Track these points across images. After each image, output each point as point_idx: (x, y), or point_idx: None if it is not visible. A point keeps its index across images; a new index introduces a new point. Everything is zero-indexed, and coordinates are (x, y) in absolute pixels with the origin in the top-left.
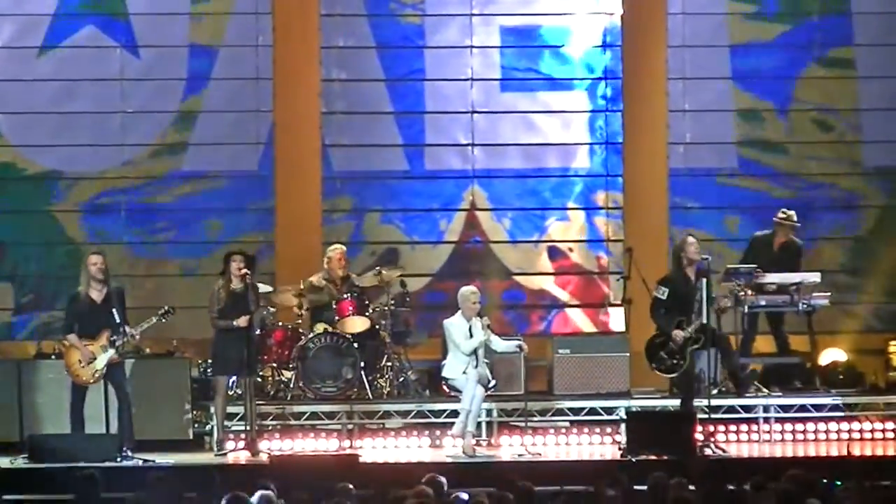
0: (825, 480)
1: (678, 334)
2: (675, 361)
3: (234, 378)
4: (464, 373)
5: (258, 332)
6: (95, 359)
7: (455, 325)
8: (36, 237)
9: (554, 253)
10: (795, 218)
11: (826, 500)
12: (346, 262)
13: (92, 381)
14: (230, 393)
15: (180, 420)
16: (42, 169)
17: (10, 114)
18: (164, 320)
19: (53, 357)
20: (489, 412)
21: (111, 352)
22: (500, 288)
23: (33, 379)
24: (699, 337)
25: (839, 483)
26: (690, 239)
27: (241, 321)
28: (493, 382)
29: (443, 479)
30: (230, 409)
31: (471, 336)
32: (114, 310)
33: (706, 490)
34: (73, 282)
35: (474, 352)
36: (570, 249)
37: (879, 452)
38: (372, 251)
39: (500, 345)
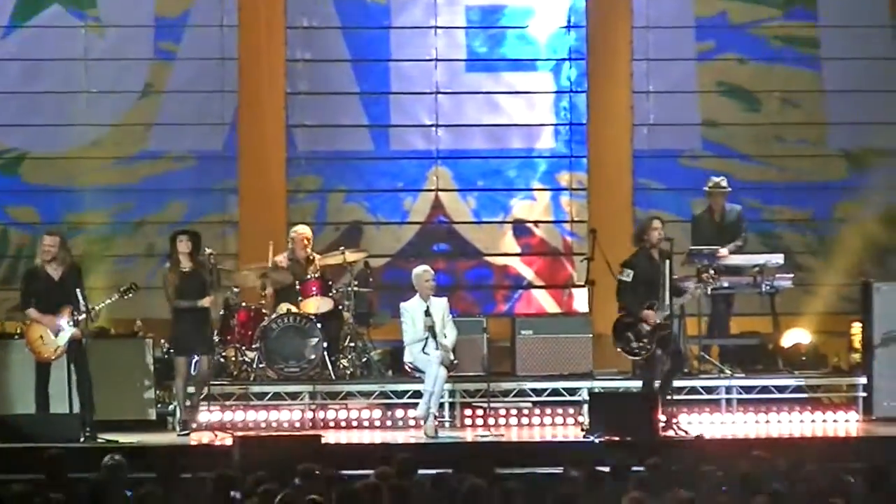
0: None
1: (650, 315)
2: (641, 344)
3: (195, 358)
4: (423, 351)
5: (221, 312)
6: (57, 334)
7: (407, 310)
8: None
9: (519, 231)
10: (725, 184)
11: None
12: (310, 243)
13: (53, 357)
14: (192, 374)
15: (143, 400)
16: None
17: None
18: (125, 297)
19: (17, 337)
20: (452, 393)
21: (72, 328)
22: (465, 267)
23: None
24: (667, 323)
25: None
26: (655, 223)
27: (205, 301)
28: (455, 362)
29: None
30: (191, 390)
31: (428, 315)
32: (77, 289)
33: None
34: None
35: (431, 331)
36: (536, 224)
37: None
38: (336, 230)
39: (448, 336)
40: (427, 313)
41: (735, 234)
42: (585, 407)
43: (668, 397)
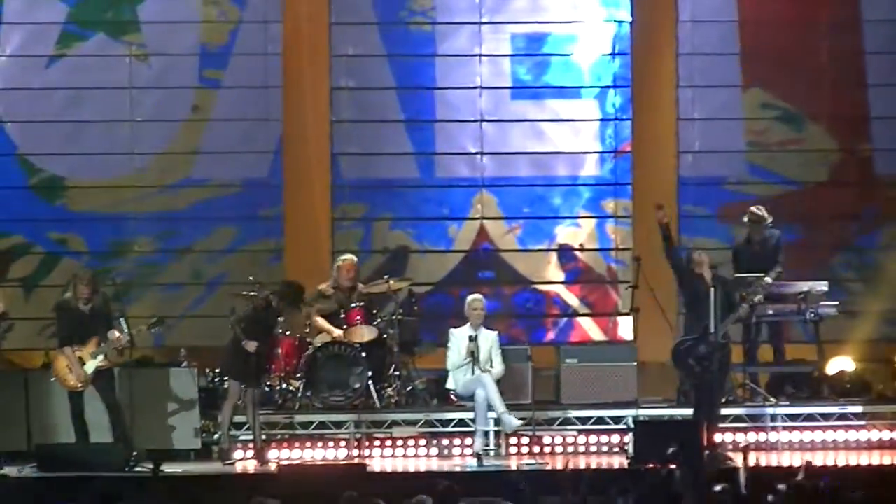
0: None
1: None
2: (704, 366)
3: (242, 386)
4: (465, 377)
5: None
6: (84, 363)
7: (454, 335)
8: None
9: (564, 258)
10: (762, 212)
11: None
12: (357, 272)
13: (80, 385)
14: (238, 402)
15: (188, 429)
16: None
17: (21, 122)
18: (152, 331)
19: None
20: (497, 421)
21: (100, 357)
22: (511, 293)
23: (40, 388)
24: (726, 345)
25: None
26: (696, 255)
27: (250, 346)
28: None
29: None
30: (237, 419)
31: (472, 341)
32: (120, 319)
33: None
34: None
35: (473, 356)
36: (582, 246)
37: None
38: (381, 257)
39: (494, 369)
40: (472, 339)
41: (772, 261)
42: (630, 435)
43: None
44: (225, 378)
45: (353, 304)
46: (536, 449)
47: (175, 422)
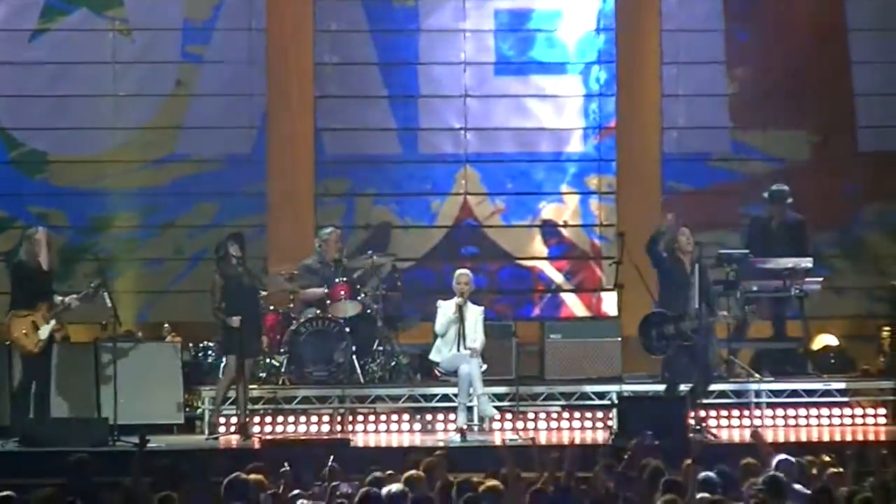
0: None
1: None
2: (662, 343)
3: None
4: (450, 352)
5: None
6: (38, 328)
7: (442, 306)
8: None
9: (548, 234)
10: (784, 192)
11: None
12: (342, 244)
13: (36, 350)
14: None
15: (172, 404)
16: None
17: (3, 97)
18: (95, 293)
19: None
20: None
21: (53, 322)
22: (496, 269)
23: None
24: (691, 335)
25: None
26: (683, 230)
27: (234, 322)
28: (484, 367)
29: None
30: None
31: (461, 319)
32: (104, 294)
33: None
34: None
35: (460, 336)
36: (565, 223)
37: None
38: (364, 233)
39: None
40: (456, 311)
41: (795, 244)
42: (614, 411)
43: (697, 405)
44: (211, 353)
45: (338, 279)
46: (520, 424)
47: (158, 396)
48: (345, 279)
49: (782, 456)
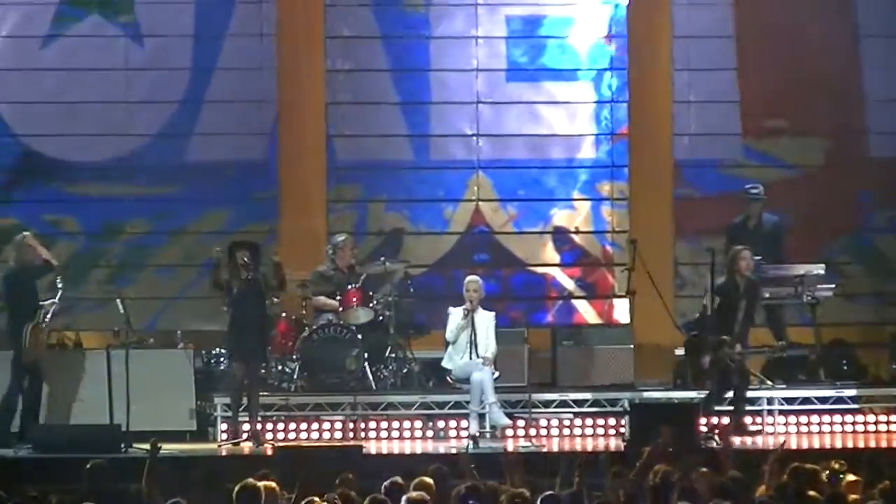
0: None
1: (705, 362)
2: (704, 371)
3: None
4: (462, 359)
5: None
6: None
7: (453, 312)
8: None
9: (559, 241)
10: (757, 191)
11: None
12: (355, 251)
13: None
14: (245, 382)
15: (184, 410)
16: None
17: (15, 103)
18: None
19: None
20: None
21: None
22: (507, 275)
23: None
24: (728, 365)
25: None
26: (744, 253)
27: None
28: (496, 374)
29: (445, 470)
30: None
31: (472, 326)
32: (117, 301)
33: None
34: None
35: (472, 343)
36: (577, 230)
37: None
38: (376, 239)
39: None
40: (465, 316)
41: (770, 246)
42: (627, 418)
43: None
44: (223, 360)
45: (350, 286)
46: (532, 432)
47: (171, 403)
48: (357, 286)
49: None
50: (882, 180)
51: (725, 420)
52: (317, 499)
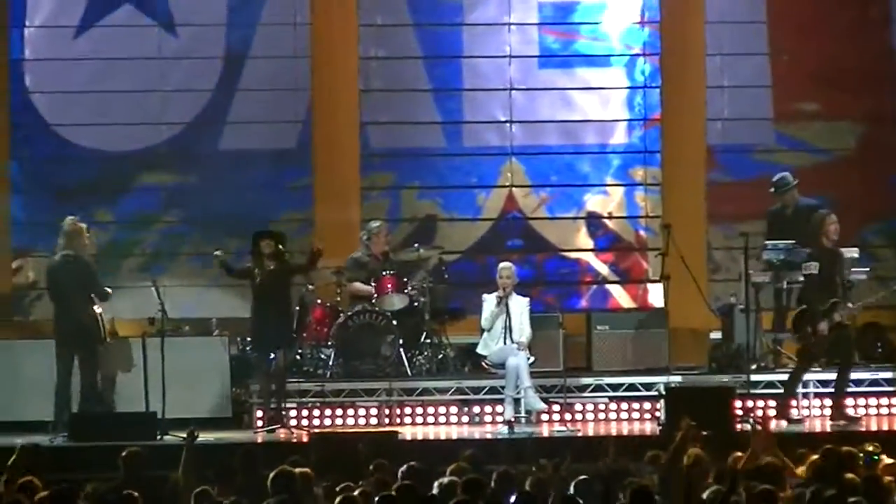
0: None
1: (823, 328)
2: (816, 340)
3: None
4: (497, 345)
5: (297, 308)
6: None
7: (486, 300)
8: None
9: (593, 227)
10: (786, 181)
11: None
12: (390, 237)
13: None
14: (269, 370)
15: (220, 398)
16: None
17: (49, 93)
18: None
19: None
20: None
21: None
22: (541, 261)
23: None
24: (847, 323)
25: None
26: (831, 217)
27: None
28: (531, 359)
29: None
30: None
31: (507, 312)
32: (152, 289)
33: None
34: None
35: (507, 329)
36: (610, 215)
37: None
38: (409, 226)
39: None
40: (499, 303)
41: (810, 228)
42: (662, 402)
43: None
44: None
45: (384, 272)
46: (568, 416)
47: (206, 391)
48: (392, 272)
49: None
50: None
51: (762, 404)
52: (352, 484)
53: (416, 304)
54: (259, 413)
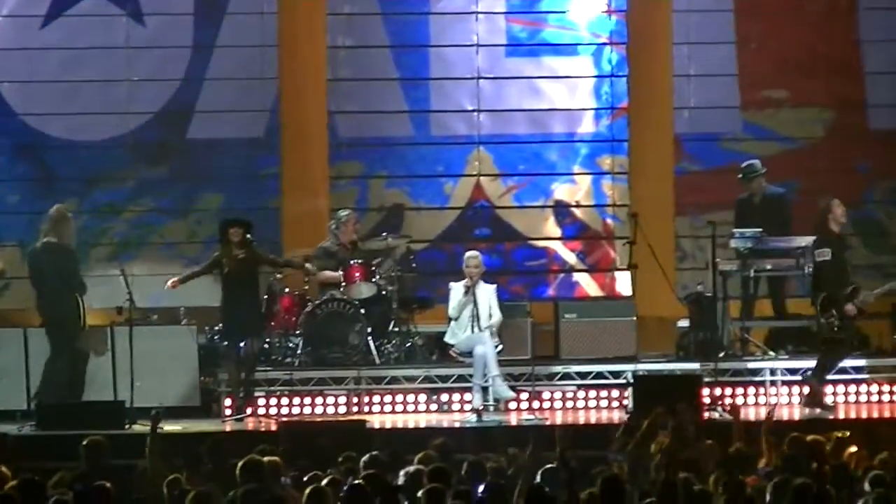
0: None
1: (851, 310)
2: (842, 324)
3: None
4: (464, 333)
5: (265, 297)
6: None
7: (453, 288)
8: None
9: (561, 215)
10: (755, 168)
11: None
12: (358, 226)
13: None
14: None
15: (188, 387)
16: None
17: (16, 82)
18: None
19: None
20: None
21: None
22: (509, 249)
23: (39, 347)
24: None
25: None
26: (836, 201)
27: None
28: (499, 347)
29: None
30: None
31: (474, 300)
32: (121, 277)
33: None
34: None
35: (474, 317)
36: (578, 203)
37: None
38: (377, 216)
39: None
40: (466, 292)
41: (778, 218)
42: (630, 390)
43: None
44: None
45: (353, 261)
46: (536, 404)
47: (175, 379)
48: (360, 261)
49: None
50: (881, 152)
51: (730, 391)
52: (320, 473)
53: (384, 292)
54: (228, 402)
